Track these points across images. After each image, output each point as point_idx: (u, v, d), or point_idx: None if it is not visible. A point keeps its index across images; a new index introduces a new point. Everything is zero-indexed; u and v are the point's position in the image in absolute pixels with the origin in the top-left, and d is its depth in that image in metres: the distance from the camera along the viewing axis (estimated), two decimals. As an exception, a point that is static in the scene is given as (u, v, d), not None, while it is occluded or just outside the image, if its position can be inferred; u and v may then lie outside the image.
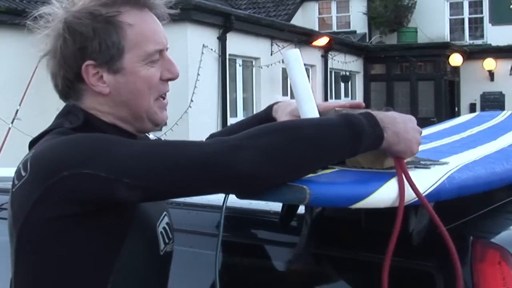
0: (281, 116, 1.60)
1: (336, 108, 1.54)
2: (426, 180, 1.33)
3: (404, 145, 1.29)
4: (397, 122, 1.28)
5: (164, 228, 1.43)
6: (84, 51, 1.32)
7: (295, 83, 1.47)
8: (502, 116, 2.58)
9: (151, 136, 1.61)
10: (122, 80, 1.33)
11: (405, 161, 1.33)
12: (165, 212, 1.47)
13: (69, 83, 1.36)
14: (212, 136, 1.71)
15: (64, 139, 1.26)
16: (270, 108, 1.68)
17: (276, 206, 1.68)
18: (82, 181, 1.17)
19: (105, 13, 1.31)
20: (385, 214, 1.39)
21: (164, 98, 1.41)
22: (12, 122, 5.81)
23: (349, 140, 1.24)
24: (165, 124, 1.42)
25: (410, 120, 1.32)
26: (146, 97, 1.35)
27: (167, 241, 1.43)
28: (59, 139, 1.26)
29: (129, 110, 1.36)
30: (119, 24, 1.32)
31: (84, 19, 1.30)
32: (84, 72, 1.33)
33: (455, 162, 1.54)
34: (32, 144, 1.34)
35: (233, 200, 1.43)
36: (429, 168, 1.42)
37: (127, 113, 1.36)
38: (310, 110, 1.45)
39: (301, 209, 1.64)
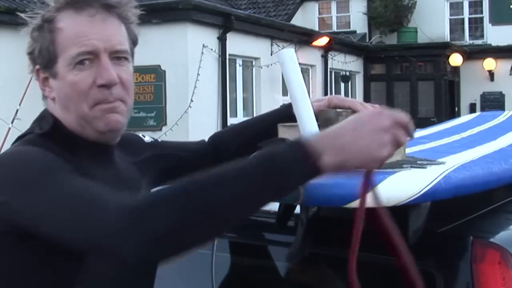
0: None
1: (337, 110, 1.54)
2: (421, 180, 1.33)
3: (359, 157, 1.09)
4: (342, 135, 1.09)
5: None
6: (32, 56, 1.34)
7: (290, 82, 1.47)
8: (503, 116, 2.59)
9: (147, 138, 1.58)
10: (59, 85, 1.32)
11: (401, 160, 1.32)
12: None
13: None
14: (214, 136, 1.70)
15: (8, 157, 1.24)
16: (280, 109, 1.66)
17: (276, 206, 1.68)
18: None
19: (45, 18, 1.31)
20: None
21: (106, 103, 1.30)
22: (12, 122, 5.80)
23: (266, 189, 1.08)
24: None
25: (369, 121, 1.11)
26: (78, 103, 1.29)
27: None
28: (8, 155, 1.25)
29: (73, 117, 1.32)
30: (51, 29, 1.30)
31: (34, 25, 1.32)
32: (36, 75, 1.35)
33: (452, 162, 1.54)
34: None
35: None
36: (425, 168, 1.42)
37: (73, 120, 1.32)
38: (305, 109, 1.45)
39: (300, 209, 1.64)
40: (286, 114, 1.60)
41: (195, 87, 11.25)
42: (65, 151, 1.27)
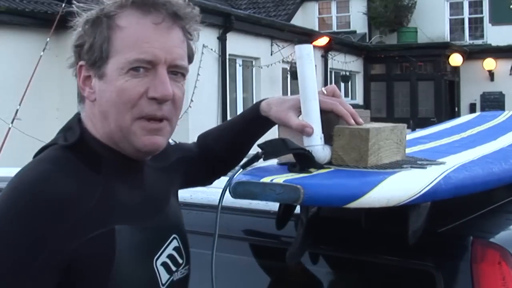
0: (279, 113, 1.46)
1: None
2: (421, 180, 1.33)
3: None
4: None
5: (170, 255, 1.29)
6: (80, 50, 1.23)
7: (302, 80, 1.46)
8: (503, 116, 2.59)
9: (171, 140, 1.50)
10: (103, 87, 1.20)
11: (401, 160, 1.32)
12: (173, 236, 1.32)
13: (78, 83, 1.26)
14: (200, 137, 1.64)
15: (12, 185, 1.13)
16: (257, 106, 1.54)
17: (276, 206, 1.68)
18: None
19: (106, 12, 1.20)
20: (383, 213, 1.39)
21: (152, 120, 1.20)
22: (12, 122, 5.81)
23: None
24: (156, 153, 1.24)
25: None
26: (121, 112, 1.18)
27: (174, 269, 1.30)
28: (14, 182, 1.14)
29: (111, 125, 1.20)
30: (110, 25, 1.20)
31: (90, 17, 1.22)
32: (78, 72, 1.24)
33: (452, 162, 1.54)
34: (36, 155, 1.24)
35: (234, 200, 1.43)
36: (425, 168, 1.42)
37: (110, 128, 1.21)
38: (312, 110, 1.44)
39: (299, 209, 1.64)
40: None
41: (195, 87, 11.25)
42: (88, 167, 1.18)
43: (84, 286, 1.13)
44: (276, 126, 1.60)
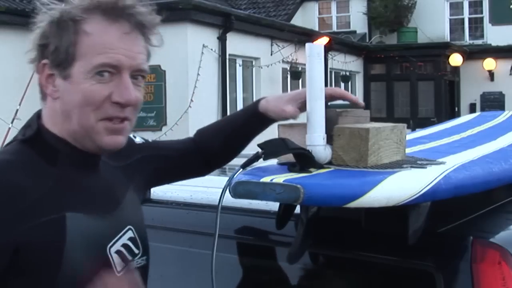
0: (276, 106, 1.59)
1: (337, 110, 1.54)
2: (421, 180, 1.33)
3: None
4: None
5: (125, 245, 1.34)
6: (44, 49, 1.27)
7: (311, 77, 1.46)
8: (503, 116, 2.59)
9: (138, 139, 1.57)
10: (68, 88, 1.26)
11: (401, 160, 1.33)
12: (128, 227, 1.37)
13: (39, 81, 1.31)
14: (198, 132, 1.73)
15: None
16: (256, 103, 1.67)
17: (276, 206, 1.68)
18: None
19: (72, 16, 1.25)
20: (383, 214, 1.39)
21: (114, 121, 1.27)
22: (12, 122, 5.81)
23: None
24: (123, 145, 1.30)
25: None
26: (86, 113, 1.25)
27: (129, 258, 1.34)
28: None
29: (74, 124, 1.26)
30: (77, 31, 1.25)
31: (54, 18, 1.26)
32: (40, 70, 1.28)
33: (452, 161, 1.54)
34: None
35: (234, 200, 1.43)
36: (425, 167, 1.42)
37: (73, 127, 1.27)
38: (317, 109, 1.45)
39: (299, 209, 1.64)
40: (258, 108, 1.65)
41: (195, 87, 11.26)
42: (43, 159, 1.25)
43: (35, 273, 1.19)
44: (276, 126, 1.61)
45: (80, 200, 1.26)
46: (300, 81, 14.54)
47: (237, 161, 1.61)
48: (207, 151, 1.68)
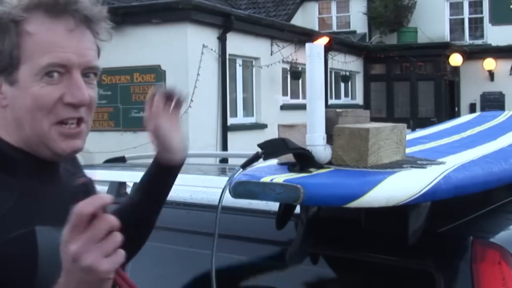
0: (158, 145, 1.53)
1: (337, 110, 1.54)
2: (421, 180, 1.33)
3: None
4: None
5: None
6: None
7: (311, 77, 1.46)
8: (503, 116, 2.59)
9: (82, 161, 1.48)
10: (16, 94, 1.17)
11: (401, 160, 1.33)
12: None
13: None
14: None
15: None
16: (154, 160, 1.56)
17: (276, 206, 1.68)
18: None
19: (12, 17, 1.17)
20: (383, 214, 1.39)
21: (70, 125, 1.19)
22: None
23: None
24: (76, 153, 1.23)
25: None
26: (37, 119, 1.17)
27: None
28: None
29: (28, 131, 1.18)
30: (19, 32, 1.17)
31: None
32: None
33: (452, 162, 1.54)
34: None
35: (234, 200, 1.43)
36: (425, 167, 1.43)
37: (26, 134, 1.19)
38: (317, 109, 1.45)
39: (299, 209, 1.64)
40: (159, 164, 1.55)
41: (195, 87, 11.25)
42: (2, 172, 1.17)
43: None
44: (276, 126, 1.61)
45: (46, 212, 1.19)
46: (300, 81, 14.54)
47: (237, 161, 1.60)
48: (130, 208, 1.55)
